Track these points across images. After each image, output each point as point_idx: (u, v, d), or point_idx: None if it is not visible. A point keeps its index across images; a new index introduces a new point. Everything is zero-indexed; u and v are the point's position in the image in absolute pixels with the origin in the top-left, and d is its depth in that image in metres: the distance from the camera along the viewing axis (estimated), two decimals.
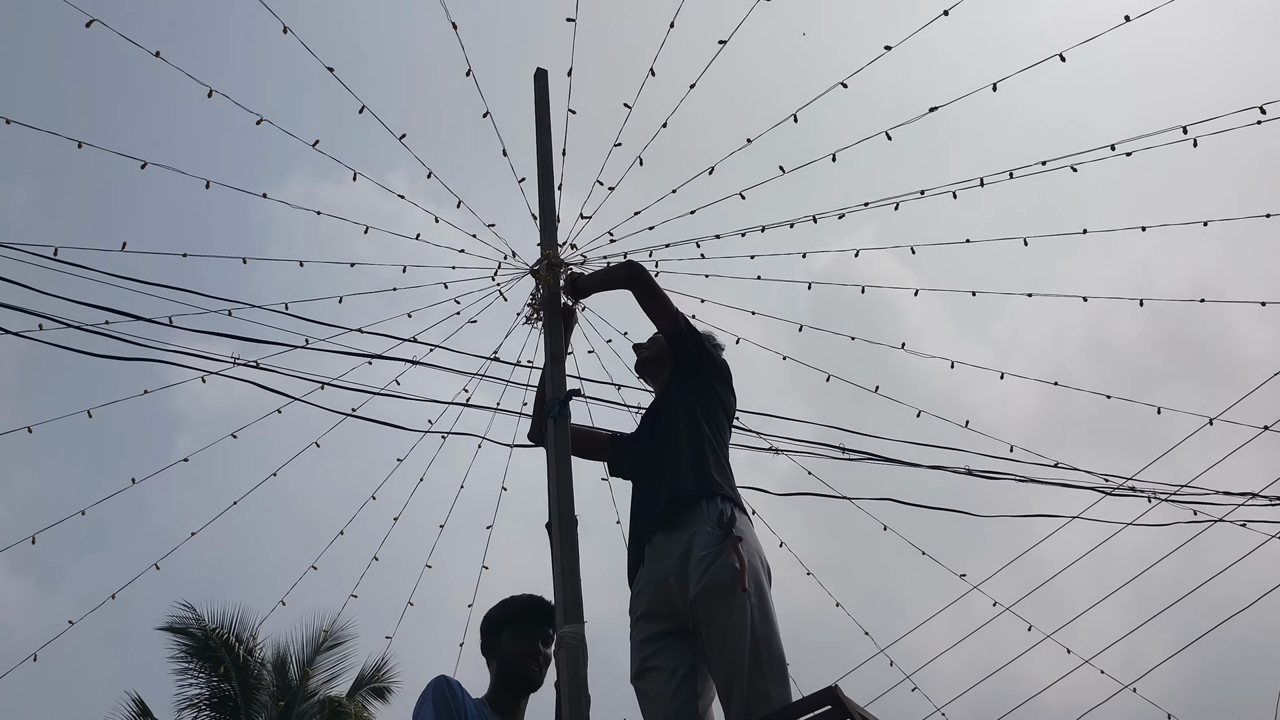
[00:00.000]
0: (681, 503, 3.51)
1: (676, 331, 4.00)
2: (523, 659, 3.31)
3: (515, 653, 3.32)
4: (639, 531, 3.64)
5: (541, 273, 4.57)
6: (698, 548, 3.37)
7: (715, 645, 3.23)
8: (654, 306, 4.04)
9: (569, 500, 3.84)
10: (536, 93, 5.25)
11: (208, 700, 14.11)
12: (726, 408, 3.98)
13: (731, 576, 3.26)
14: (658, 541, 3.50)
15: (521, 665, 3.31)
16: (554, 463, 3.95)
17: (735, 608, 3.22)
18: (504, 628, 3.38)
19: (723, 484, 3.62)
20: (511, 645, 3.33)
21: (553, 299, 4.50)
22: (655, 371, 4.18)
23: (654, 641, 3.39)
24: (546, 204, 4.76)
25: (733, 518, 3.44)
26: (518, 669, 3.30)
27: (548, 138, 5.06)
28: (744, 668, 3.16)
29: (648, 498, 3.68)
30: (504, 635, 3.37)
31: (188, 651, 14.23)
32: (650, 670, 3.35)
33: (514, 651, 3.32)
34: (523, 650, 3.32)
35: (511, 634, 3.35)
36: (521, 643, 3.33)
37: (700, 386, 3.92)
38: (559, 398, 4.11)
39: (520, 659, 3.31)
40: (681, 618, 3.37)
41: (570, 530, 3.76)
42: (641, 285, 4.08)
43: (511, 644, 3.33)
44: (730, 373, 4.09)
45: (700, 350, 4.00)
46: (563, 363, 4.30)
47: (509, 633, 3.36)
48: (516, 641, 3.33)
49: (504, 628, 3.38)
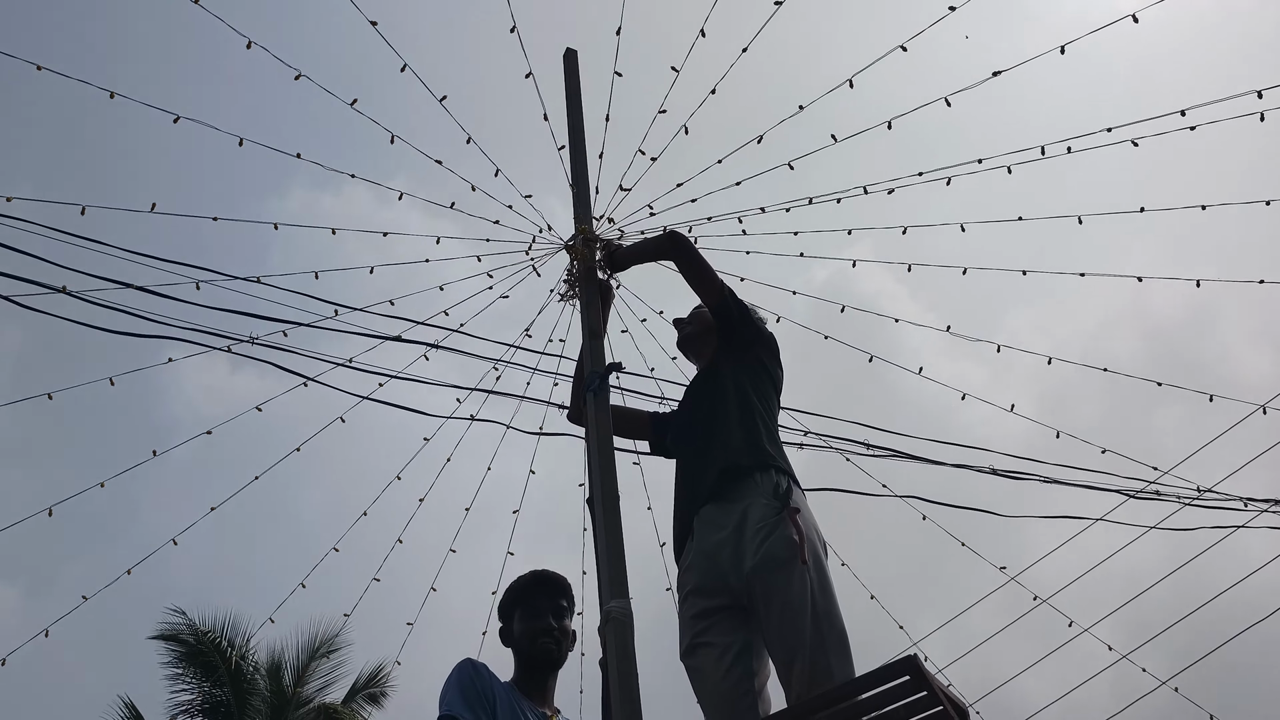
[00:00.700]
0: (734, 474, 3.37)
1: (723, 304, 3.88)
2: (534, 636, 3.16)
3: (525, 632, 3.17)
4: (687, 505, 3.49)
5: (577, 247, 4.45)
6: (753, 520, 3.23)
7: (774, 620, 3.08)
8: (699, 277, 3.91)
9: (611, 475, 3.70)
10: (566, 73, 5.22)
11: (200, 706, 13.86)
12: (775, 381, 3.85)
13: (790, 549, 3.12)
14: (708, 514, 3.36)
15: (534, 643, 3.15)
16: (595, 437, 3.82)
17: (794, 581, 3.08)
18: (514, 611, 3.24)
19: (776, 456, 3.49)
20: (521, 625, 3.19)
21: (589, 273, 4.38)
22: (698, 347, 4.05)
23: (706, 617, 3.24)
24: (581, 180, 4.69)
25: (789, 489, 3.31)
26: (531, 648, 3.15)
27: (579, 117, 5.03)
28: (805, 643, 3.01)
29: (696, 471, 3.54)
30: (515, 620, 3.22)
31: (180, 657, 13.99)
32: (702, 646, 3.21)
33: (524, 632, 3.17)
34: (532, 628, 3.16)
35: (520, 615, 3.21)
36: (530, 620, 3.17)
37: (747, 359, 3.79)
38: (599, 371, 3.99)
39: (531, 637, 3.16)
40: (735, 592, 3.22)
41: (613, 505, 3.63)
42: (685, 255, 3.95)
43: (521, 625, 3.19)
44: (778, 345, 3.96)
45: (747, 322, 3.88)
46: (601, 338, 4.18)
47: (518, 614, 3.22)
48: (524, 621, 3.18)
49: (514, 611, 3.24)
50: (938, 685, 2.57)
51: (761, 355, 3.82)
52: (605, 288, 4.43)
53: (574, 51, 5.28)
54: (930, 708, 2.60)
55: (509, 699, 2.98)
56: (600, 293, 4.38)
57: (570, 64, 5.26)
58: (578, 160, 4.76)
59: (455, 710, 2.84)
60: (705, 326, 3.99)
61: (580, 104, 5.06)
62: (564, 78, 5.21)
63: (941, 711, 2.58)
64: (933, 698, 2.56)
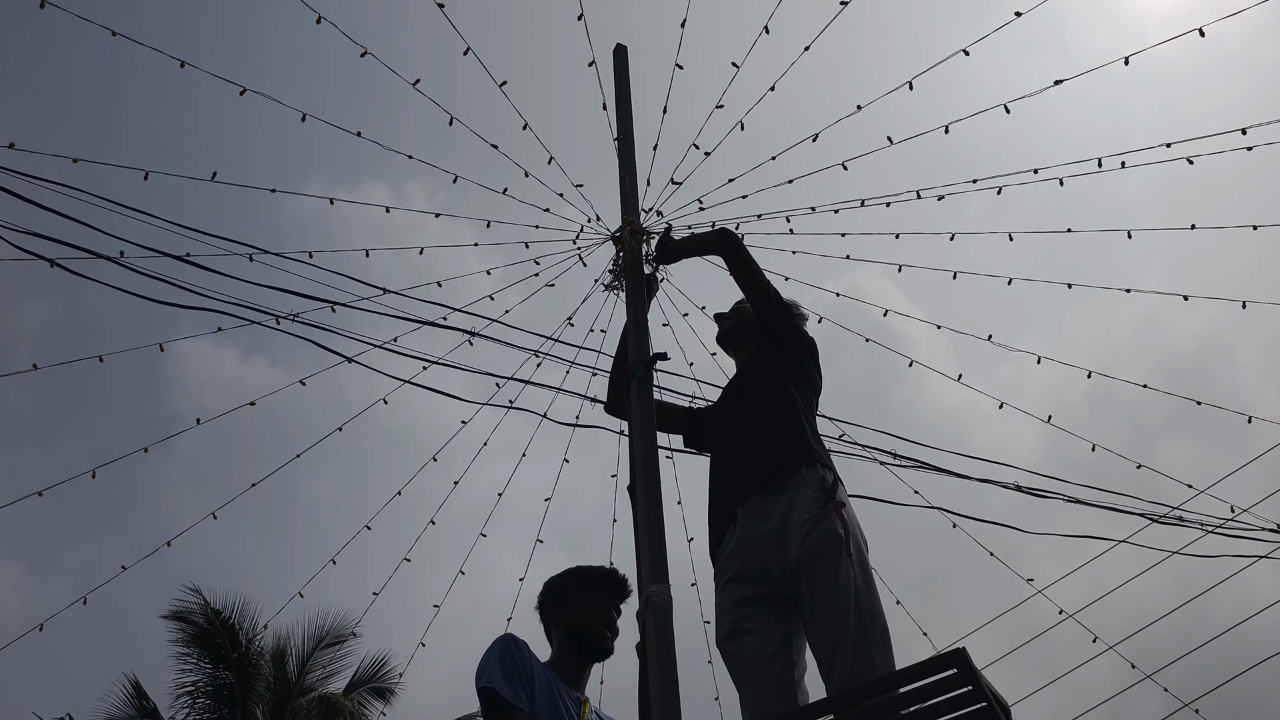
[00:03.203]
0: (782, 468, 3.39)
1: (768, 303, 3.91)
2: (594, 624, 3.12)
3: (586, 618, 3.13)
4: (729, 497, 3.51)
5: (625, 238, 4.47)
6: (799, 511, 3.24)
7: (818, 612, 3.09)
8: (746, 276, 3.95)
9: (654, 461, 3.71)
10: (616, 69, 5.25)
11: (205, 689, 13.89)
12: (814, 384, 3.88)
13: (835, 541, 3.14)
14: (754, 504, 3.37)
15: (591, 630, 3.11)
16: (637, 424, 3.84)
17: (840, 574, 3.09)
18: (572, 591, 3.20)
19: (820, 452, 3.51)
20: (582, 609, 3.14)
21: (635, 264, 4.41)
22: (739, 343, 4.08)
23: (747, 604, 3.25)
24: (629, 172, 4.71)
25: (835, 483, 3.32)
26: (587, 633, 3.11)
27: (628, 112, 5.06)
28: (848, 636, 3.02)
29: (741, 464, 3.55)
30: (572, 601, 3.18)
31: (189, 638, 14.03)
32: (743, 633, 3.22)
33: (584, 616, 3.13)
34: (595, 616, 3.13)
35: (581, 598, 3.16)
36: (594, 608, 3.14)
37: (788, 360, 3.83)
38: (644, 360, 4.01)
39: (590, 624, 3.12)
40: (778, 583, 3.23)
41: (655, 491, 3.63)
42: (736, 254, 3.99)
43: (582, 608, 3.14)
44: (817, 349, 3.98)
45: (790, 325, 3.91)
46: (645, 327, 4.20)
47: (579, 597, 3.17)
48: (588, 606, 3.14)
49: (572, 591, 3.20)
50: (985, 681, 2.56)
51: (801, 358, 3.85)
52: (650, 280, 4.45)
53: (624, 48, 5.32)
54: (974, 703, 2.59)
55: (547, 679, 2.97)
56: (645, 284, 4.40)
57: (620, 60, 5.30)
58: (626, 153, 4.79)
59: (495, 683, 2.81)
60: (747, 322, 4.02)
61: (629, 98, 5.09)
62: (614, 73, 5.26)
63: (986, 708, 2.57)
64: (979, 693, 2.54)
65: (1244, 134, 4.22)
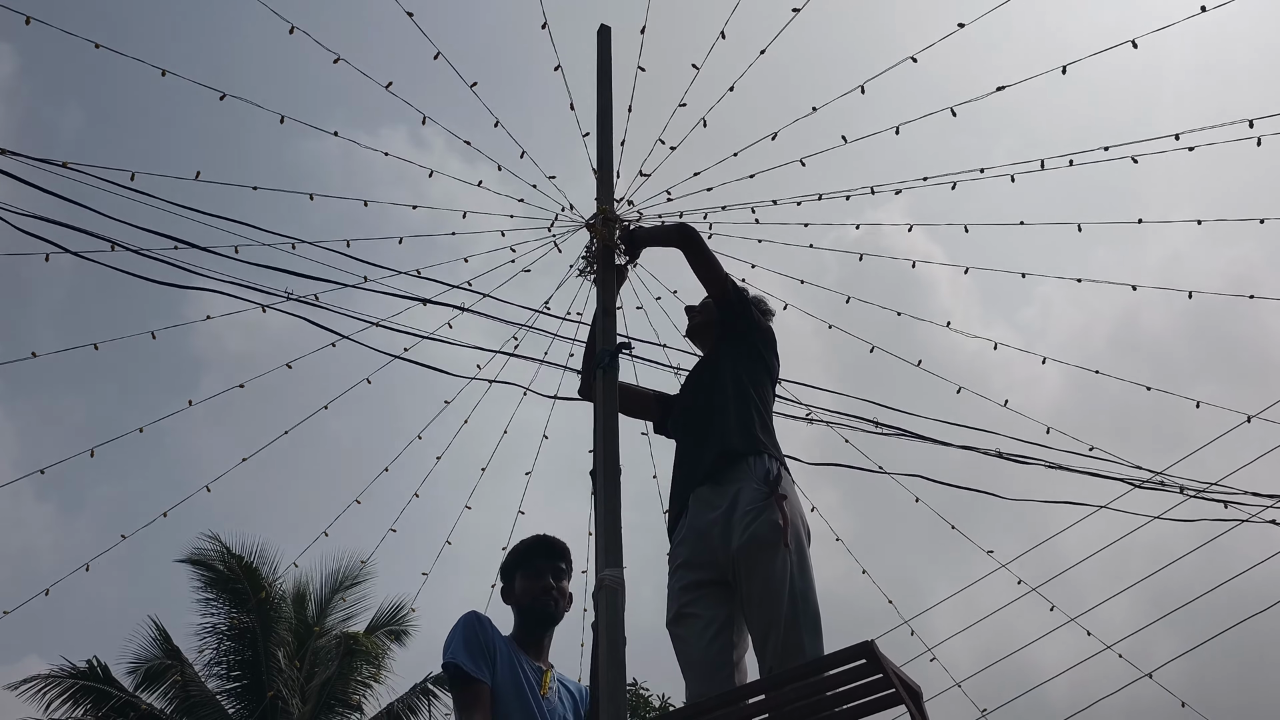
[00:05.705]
0: (729, 458, 3.60)
1: (724, 295, 4.08)
2: (534, 595, 3.43)
3: (525, 590, 3.44)
4: (683, 484, 3.73)
5: (597, 226, 4.63)
6: (743, 502, 3.46)
7: (754, 597, 3.33)
8: (704, 270, 4.11)
9: (614, 448, 3.91)
10: (599, 49, 5.28)
11: (228, 632, 14.39)
12: (771, 372, 4.06)
13: (774, 532, 3.35)
14: (703, 494, 3.59)
15: (534, 601, 3.42)
16: (601, 412, 4.03)
17: (776, 562, 3.32)
18: (515, 571, 3.51)
19: (768, 443, 3.70)
20: (523, 584, 3.45)
21: (606, 252, 4.56)
22: (705, 336, 4.27)
23: (693, 590, 3.49)
24: (604, 160, 4.81)
25: (779, 476, 3.53)
26: (530, 605, 3.42)
27: (608, 94, 5.09)
28: (781, 619, 3.26)
29: (693, 453, 3.76)
30: (515, 579, 3.49)
31: (209, 582, 14.51)
32: (688, 616, 3.46)
33: (524, 590, 3.44)
34: (532, 587, 3.44)
35: (520, 574, 3.48)
36: (530, 580, 3.44)
37: (746, 350, 4.00)
38: (609, 349, 4.19)
39: (531, 595, 3.43)
40: (721, 568, 3.46)
41: (613, 478, 3.84)
42: (693, 248, 4.14)
43: (522, 583, 3.46)
44: (775, 339, 4.16)
45: (746, 316, 4.08)
46: (614, 316, 4.37)
47: (519, 574, 3.49)
48: (525, 580, 3.45)
49: (515, 571, 3.51)
50: (891, 667, 2.79)
51: (759, 347, 4.02)
52: (619, 267, 4.61)
53: (608, 29, 5.31)
54: (885, 689, 2.82)
55: (508, 651, 3.27)
56: (615, 271, 4.57)
57: (603, 41, 5.29)
58: (604, 140, 4.87)
59: (459, 659, 3.15)
60: (712, 317, 4.20)
61: (610, 82, 5.09)
62: (596, 55, 5.29)
63: (894, 694, 2.81)
64: (886, 680, 2.78)
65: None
